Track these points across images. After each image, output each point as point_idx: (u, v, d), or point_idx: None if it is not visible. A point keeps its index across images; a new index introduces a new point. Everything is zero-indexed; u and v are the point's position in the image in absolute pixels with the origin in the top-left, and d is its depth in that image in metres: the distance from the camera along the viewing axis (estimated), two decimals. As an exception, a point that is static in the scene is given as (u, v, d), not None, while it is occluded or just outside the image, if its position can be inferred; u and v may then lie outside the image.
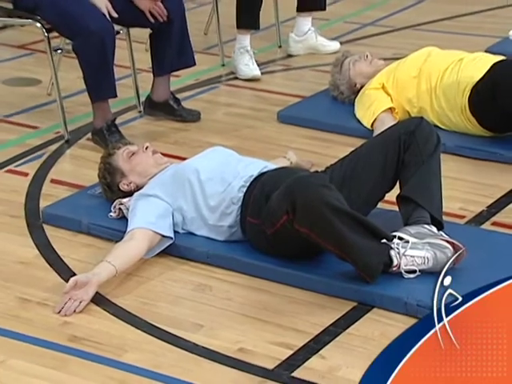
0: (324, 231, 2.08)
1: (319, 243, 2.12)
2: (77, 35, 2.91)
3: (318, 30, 4.06)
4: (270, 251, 2.28)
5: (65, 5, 2.93)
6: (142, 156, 2.50)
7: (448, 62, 3.12)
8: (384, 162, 2.33)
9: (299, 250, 2.25)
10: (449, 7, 4.79)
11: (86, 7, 2.93)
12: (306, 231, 2.10)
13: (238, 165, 2.40)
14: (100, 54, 2.91)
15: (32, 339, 2.01)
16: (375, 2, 4.94)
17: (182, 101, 3.41)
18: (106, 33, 2.90)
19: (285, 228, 2.16)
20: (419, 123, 2.36)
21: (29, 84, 3.69)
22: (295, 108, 3.42)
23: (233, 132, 3.25)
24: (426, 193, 2.29)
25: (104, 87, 2.99)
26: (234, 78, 3.81)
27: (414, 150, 2.31)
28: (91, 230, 2.47)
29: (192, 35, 3.30)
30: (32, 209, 2.63)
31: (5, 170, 2.91)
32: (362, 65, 3.34)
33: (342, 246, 2.10)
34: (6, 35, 3.67)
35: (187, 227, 2.40)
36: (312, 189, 2.10)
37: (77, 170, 2.93)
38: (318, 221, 2.07)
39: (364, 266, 2.11)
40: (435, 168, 2.33)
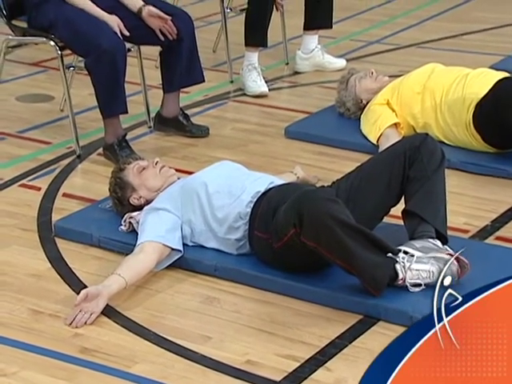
0: (330, 244, 2.12)
1: (326, 256, 2.16)
2: (89, 53, 2.97)
3: (325, 48, 4.10)
4: (277, 265, 2.31)
5: (78, 23, 2.99)
6: (151, 171, 2.54)
7: (452, 77, 3.16)
8: (389, 177, 2.36)
9: (306, 264, 2.28)
10: (453, 26, 4.83)
11: (98, 25, 2.99)
12: (313, 244, 2.13)
13: (245, 179, 2.44)
14: (111, 71, 2.96)
15: (43, 351, 2.04)
16: (380, 20, 4.99)
17: (191, 116, 3.46)
18: (118, 50, 2.96)
19: (292, 241, 2.19)
20: (424, 139, 2.40)
21: (42, 100, 3.74)
22: (302, 124, 3.46)
23: (240, 147, 3.29)
24: (431, 207, 2.31)
25: (115, 103, 3.05)
26: (242, 94, 3.86)
27: (419, 165, 2.35)
28: (102, 243, 2.51)
29: (201, 52, 3.34)
30: (44, 222, 2.67)
31: (18, 184, 2.96)
32: (368, 81, 3.39)
33: (348, 259, 2.13)
34: (21, 53, 3.73)
35: (196, 240, 2.44)
36: (319, 202, 2.13)
37: (88, 185, 2.97)
38: (325, 234, 2.10)
39: (370, 279, 2.14)
40: (440, 183, 2.36)
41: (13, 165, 3.11)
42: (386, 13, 5.16)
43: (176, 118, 3.35)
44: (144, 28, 3.12)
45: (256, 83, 3.79)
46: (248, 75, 3.80)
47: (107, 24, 3.00)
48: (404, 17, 5.05)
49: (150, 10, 3.09)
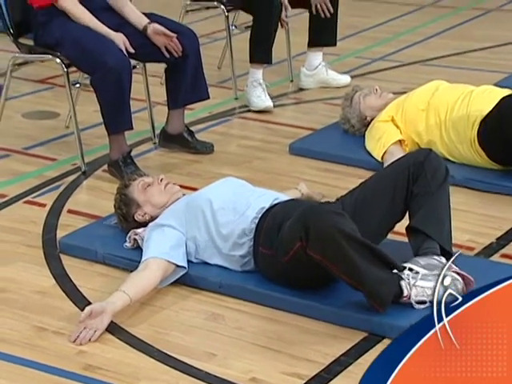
0: (336, 258, 2.11)
1: (331, 270, 2.15)
2: (95, 70, 2.98)
3: (329, 65, 4.12)
4: (282, 281, 2.31)
5: (84, 41, 3.01)
6: (156, 188, 2.55)
7: (457, 94, 3.16)
8: (393, 192, 2.36)
9: (311, 279, 2.28)
10: (457, 43, 4.84)
11: (104, 43, 3.01)
12: (319, 258, 2.13)
13: (250, 195, 2.45)
14: (117, 88, 2.98)
15: (47, 368, 2.04)
16: (385, 37, 5.01)
17: (196, 133, 3.47)
18: (123, 68, 2.98)
19: (298, 255, 2.18)
20: (428, 154, 2.40)
21: (47, 117, 3.76)
22: (306, 140, 3.47)
23: (245, 164, 3.30)
24: (435, 223, 2.31)
25: (121, 120, 3.06)
26: (247, 110, 3.87)
27: (423, 181, 2.35)
28: (106, 259, 2.51)
29: (206, 69, 3.36)
30: (49, 239, 2.68)
31: (23, 201, 2.97)
32: (372, 98, 3.40)
33: (353, 273, 2.12)
34: (27, 70, 3.75)
35: (200, 256, 2.44)
36: (325, 216, 2.13)
37: (93, 201, 2.98)
38: (331, 247, 2.10)
39: (375, 295, 2.14)
40: (444, 199, 2.36)
41: (18, 181, 3.12)
42: (390, 30, 5.19)
43: (181, 135, 3.36)
44: (149, 45, 3.14)
45: (260, 98, 3.81)
46: (253, 91, 3.82)
47: (113, 41, 3.02)
48: (408, 34, 5.07)
49: (155, 27, 3.11)
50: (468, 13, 5.52)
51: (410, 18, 5.45)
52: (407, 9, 5.63)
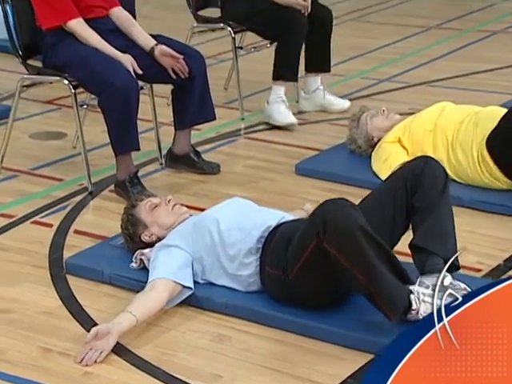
0: (352, 253, 2.09)
1: (345, 268, 2.11)
2: (103, 91, 3.00)
3: (327, 88, 4.08)
4: (288, 301, 2.30)
5: (92, 62, 3.03)
6: (164, 208, 2.55)
7: (463, 115, 3.17)
8: (393, 208, 2.34)
9: (317, 298, 2.27)
10: (462, 65, 4.86)
11: (112, 64, 3.03)
12: (335, 252, 2.11)
13: (256, 215, 2.45)
14: (124, 109, 3.00)
15: (53, 389, 2.03)
16: (391, 58, 5.04)
17: (203, 153, 3.49)
18: (131, 89, 3.00)
19: (312, 258, 2.15)
20: (424, 164, 2.35)
21: (55, 137, 3.78)
22: (313, 161, 3.48)
23: (251, 184, 3.30)
24: (439, 237, 2.28)
25: (128, 141, 3.08)
26: (253, 131, 3.88)
27: (422, 194, 2.31)
28: (113, 280, 2.51)
29: (213, 90, 3.38)
30: (56, 259, 2.68)
31: (30, 221, 2.98)
32: (379, 119, 3.41)
33: (368, 272, 2.10)
34: (35, 91, 3.78)
35: (206, 277, 2.43)
36: (345, 210, 2.13)
37: (100, 221, 2.98)
38: (348, 241, 2.09)
39: (387, 298, 2.11)
40: (446, 209, 2.32)
41: (25, 202, 3.13)
42: (395, 51, 5.21)
43: (187, 155, 3.37)
44: (156, 67, 3.16)
45: (284, 114, 3.84)
46: (276, 107, 3.85)
47: (120, 63, 3.04)
48: (414, 56, 5.09)
49: (162, 48, 3.14)
50: (473, 35, 5.54)
51: (416, 39, 5.47)
52: (413, 30, 5.65)
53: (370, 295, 2.14)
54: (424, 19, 5.94)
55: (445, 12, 6.15)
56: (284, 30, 3.78)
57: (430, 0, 6.70)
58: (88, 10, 3.13)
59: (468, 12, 6.14)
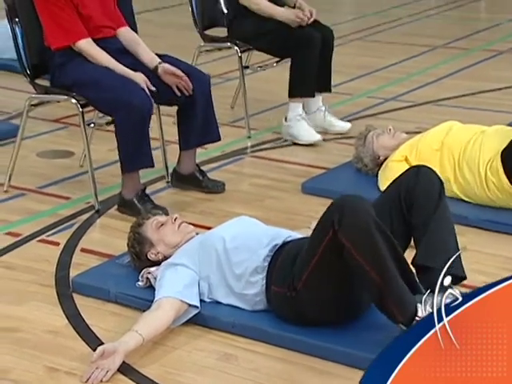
0: (366, 247, 2.09)
1: (358, 264, 2.10)
2: (118, 110, 3.00)
3: (330, 109, 4.08)
4: (295, 318, 2.29)
5: (105, 82, 3.04)
6: (170, 227, 2.55)
7: (470, 134, 3.17)
8: (390, 226, 2.31)
9: (325, 310, 2.25)
10: (469, 84, 4.87)
11: (127, 83, 3.04)
12: (349, 245, 2.10)
13: (262, 234, 2.45)
14: (140, 126, 3.01)
15: (59, 408, 2.03)
16: (397, 78, 5.05)
17: (209, 172, 3.49)
18: (147, 107, 3.01)
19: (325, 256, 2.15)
20: (416, 176, 2.33)
21: (62, 156, 3.80)
22: (319, 179, 3.48)
23: (258, 203, 3.30)
24: (440, 252, 2.26)
25: (141, 158, 3.08)
26: (260, 149, 3.89)
27: (418, 210, 2.29)
28: (119, 299, 2.51)
29: (219, 108, 3.39)
30: (62, 278, 2.68)
31: (37, 239, 2.98)
32: (385, 138, 3.41)
33: (380, 268, 2.09)
34: (42, 110, 3.80)
35: (213, 296, 2.43)
36: (362, 203, 2.14)
37: (106, 240, 2.98)
38: (363, 234, 2.09)
39: (398, 298, 2.09)
40: (443, 218, 2.30)
41: (33, 220, 3.14)
42: (402, 70, 5.22)
43: (192, 175, 3.38)
44: (161, 86, 3.16)
45: (309, 132, 3.88)
46: (299, 125, 3.88)
47: (134, 81, 3.05)
48: (420, 75, 5.10)
49: (166, 67, 3.15)
50: (480, 54, 5.56)
51: (422, 58, 5.49)
52: (419, 49, 5.67)
53: (380, 293, 2.12)
54: (431, 38, 5.97)
55: (451, 31, 6.17)
56: (298, 47, 3.81)
57: (437, 19, 6.73)
58: (97, 30, 3.16)
59: (474, 31, 6.17)
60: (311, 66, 3.84)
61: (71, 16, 3.08)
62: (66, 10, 3.07)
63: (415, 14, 6.78)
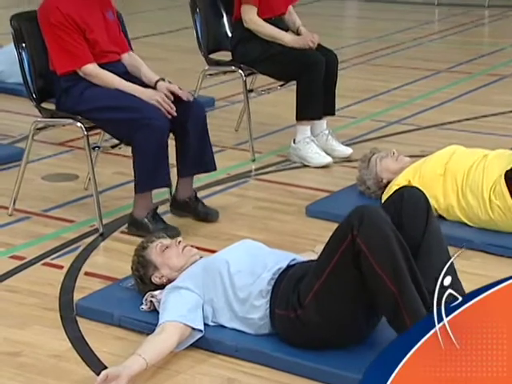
0: (384, 255, 2.10)
1: (374, 271, 2.11)
2: (138, 130, 3.01)
3: (334, 133, 4.08)
4: (299, 341, 2.28)
5: (122, 103, 3.05)
6: (174, 250, 2.55)
7: (472, 159, 3.18)
8: None
9: (330, 333, 2.24)
10: (472, 108, 4.88)
11: (144, 103, 3.05)
12: (365, 248, 2.11)
13: (267, 257, 2.45)
14: (160, 146, 3.02)
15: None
16: (400, 101, 5.07)
17: (213, 194, 3.50)
18: (166, 125, 3.03)
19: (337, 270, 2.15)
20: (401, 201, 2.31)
21: (67, 179, 3.80)
22: (323, 202, 3.48)
23: (262, 226, 3.30)
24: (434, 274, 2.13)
25: (159, 177, 3.08)
26: (264, 172, 3.90)
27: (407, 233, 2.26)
28: (123, 322, 2.50)
29: (223, 131, 3.41)
30: (66, 302, 2.68)
31: (41, 263, 2.98)
32: (389, 161, 3.42)
33: (398, 278, 2.09)
34: (47, 133, 3.82)
35: (217, 320, 2.42)
36: (382, 213, 2.18)
37: (110, 263, 2.98)
38: (382, 242, 2.11)
39: (415, 313, 2.08)
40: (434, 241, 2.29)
41: (37, 243, 3.14)
42: (405, 94, 5.24)
43: (187, 202, 3.30)
44: None
45: (319, 155, 3.89)
46: (308, 148, 3.90)
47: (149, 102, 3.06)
48: (424, 98, 5.12)
49: (162, 85, 3.13)
50: (483, 78, 5.58)
51: (426, 82, 5.51)
52: (423, 73, 5.70)
53: (395, 305, 2.10)
54: (434, 63, 5.99)
55: (454, 56, 6.20)
56: (303, 71, 3.83)
57: (440, 44, 6.77)
58: (102, 55, 3.18)
59: (477, 56, 6.19)
60: (317, 89, 3.86)
61: (78, 41, 3.10)
62: (72, 36, 3.09)
63: (418, 38, 6.82)
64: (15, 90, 4.90)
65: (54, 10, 3.09)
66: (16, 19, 3.28)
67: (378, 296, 2.17)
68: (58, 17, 3.08)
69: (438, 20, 7.92)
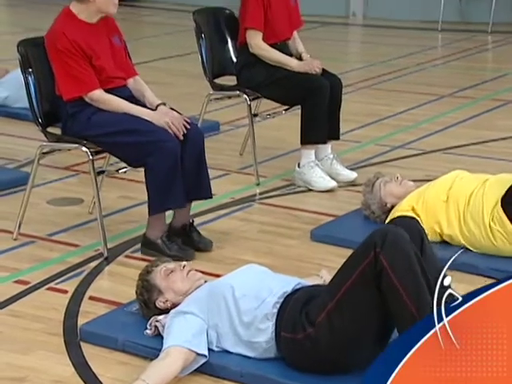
0: (405, 273, 2.13)
1: (395, 289, 2.12)
2: (151, 154, 3.02)
3: (338, 157, 4.08)
4: (306, 364, 2.27)
5: (133, 127, 3.07)
6: (179, 274, 2.55)
7: (474, 185, 3.18)
8: None
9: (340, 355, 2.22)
10: (477, 132, 4.89)
11: (154, 126, 3.06)
12: (386, 264, 2.14)
13: (271, 282, 2.45)
14: (174, 167, 3.03)
15: None
16: (405, 126, 5.08)
17: (218, 218, 3.49)
18: (178, 147, 3.04)
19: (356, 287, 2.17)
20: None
21: (72, 203, 3.81)
22: (328, 227, 3.47)
23: (267, 250, 3.30)
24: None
25: (172, 198, 3.08)
26: (269, 196, 3.91)
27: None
28: (127, 347, 2.49)
29: (228, 155, 3.41)
30: (70, 326, 2.67)
31: (46, 287, 2.98)
32: (393, 185, 3.42)
33: (414, 292, 2.10)
34: (53, 157, 3.84)
35: (221, 344, 2.41)
36: (404, 234, 2.23)
37: (115, 287, 2.98)
38: (405, 261, 2.15)
39: None
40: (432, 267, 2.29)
41: (42, 268, 3.14)
42: (410, 118, 5.26)
43: (183, 229, 3.25)
44: None
45: (324, 179, 3.90)
46: (312, 172, 3.91)
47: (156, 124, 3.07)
48: (428, 123, 5.13)
49: (164, 108, 3.15)
50: (487, 103, 5.59)
51: (430, 107, 5.53)
52: (426, 98, 5.72)
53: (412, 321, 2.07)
54: (437, 88, 6.02)
55: (458, 81, 6.22)
56: (308, 96, 3.86)
57: (443, 69, 6.80)
58: (108, 80, 3.19)
59: (481, 81, 6.21)
60: (322, 113, 3.88)
61: (84, 67, 3.12)
62: (79, 62, 3.11)
63: (422, 63, 6.85)
64: (21, 114, 4.92)
65: (61, 36, 3.12)
66: (23, 45, 3.31)
67: (396, 314, 2.17)
68: (65, 43, 3.10)
69: (441, 45, 7.96)
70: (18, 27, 8.33)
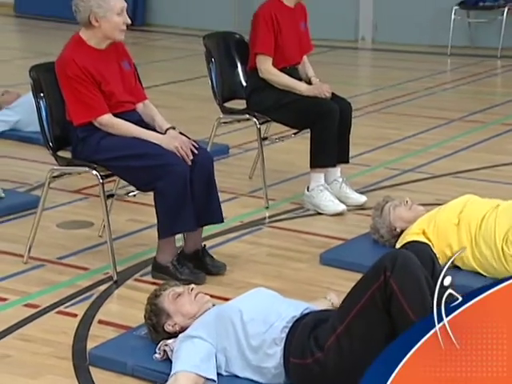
0: (415, 296, 2.13)
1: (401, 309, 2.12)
2: (161, 177, 3.03)
3: (347, 181, 4.08)
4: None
5: (143, 151, 3.08)
6: (187, 297, 2.55)
7: (485, 210, 3.17)
8: None
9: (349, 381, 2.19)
10: (486, 156, 4.88)
11: (163, 149, 3.07)
12: (397, 289, 2.14)
13: (280, 306, 2.44)
14: (183, 190, 3.04)
15: None
16: (414, 150, 5.08)
17: (227, 242, 3.49)
18: (187, 170, 3.05)
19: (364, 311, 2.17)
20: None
21: (81, 227, 3.82)
22: (337, 250, 3.47)
23: (276, 273, 3.29)
24: None
25: (182, 221, 3.08)
26: (278, 220, 3.91)
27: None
28: (136, 371, 2.49)
29: (238, 179, 3.41)
30: (79, 350, 2.67)
31: (55, 311, 2.98)
32: (402, 210, 3.42)
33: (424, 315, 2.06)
34: (63, 181, 3.86)
35: (230, 369, 2.40)
36: (414, 258, 2.23)
37: (124, 311, 2.98)
38: (414, 285, 2.15)
39: None
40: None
41: (51, 291, 3.14)
42: (419, 142, 5.26)
43: (195, 254, 3.25)
44: None
45: (333, 202, 3.90)
46: (321, 195, 3.91)
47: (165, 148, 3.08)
48: (438, 147, 5.13)
49: (173, 132, 3.17)
50: (496, 128, 5.59)
51: (439, 131, 5.53)
52: (436, 122, 5.72)
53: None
54: (447, 112, 6.02)
55: (467, 105, 6.22)
56: (317, 120, 3.87)
57: (453, 93, 6.81)
58: (118, 105, 3.22)
59: (490, 106, 6.21)
60: (331, 137, 3.89)
61: (93, 93, 3.14)
62: (88, 88, 3.13)
63: (431, 87, 6.86)
64: (32, 138, 4.96)
65: (71, 62, 3.15)
66: (35, 70, 3.34)
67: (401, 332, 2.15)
68: (75, 69, 3.13)
69: (450, 70, 7.98)
70: (29, 52, 8.43)
